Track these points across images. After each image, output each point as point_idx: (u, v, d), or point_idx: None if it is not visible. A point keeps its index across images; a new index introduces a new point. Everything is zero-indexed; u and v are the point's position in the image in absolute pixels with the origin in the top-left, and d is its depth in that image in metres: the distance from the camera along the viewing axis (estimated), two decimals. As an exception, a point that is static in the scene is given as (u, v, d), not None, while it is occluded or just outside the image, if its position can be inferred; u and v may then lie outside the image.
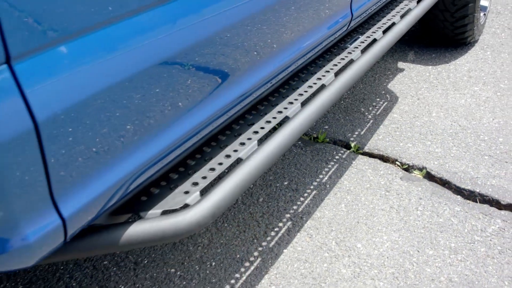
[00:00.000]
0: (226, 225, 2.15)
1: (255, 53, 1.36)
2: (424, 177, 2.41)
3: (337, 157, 2.55)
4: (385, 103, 3.01)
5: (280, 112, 1.49)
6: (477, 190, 2.27)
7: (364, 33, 2.06)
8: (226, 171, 2.31)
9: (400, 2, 2.45)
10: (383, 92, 3.13)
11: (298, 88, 1.62)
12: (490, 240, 2.01)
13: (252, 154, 1.26)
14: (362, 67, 1.72)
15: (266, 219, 2.17)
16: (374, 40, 2.03)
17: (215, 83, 1.25)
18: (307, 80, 1.67)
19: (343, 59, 1.79)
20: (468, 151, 2.54)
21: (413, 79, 3.27)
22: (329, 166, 2.49)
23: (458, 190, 2.30)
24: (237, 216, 2.19)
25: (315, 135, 2.74)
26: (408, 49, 3.72)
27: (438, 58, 3.55)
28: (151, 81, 1.05)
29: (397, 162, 2.51)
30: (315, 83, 1.64)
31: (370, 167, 2.46)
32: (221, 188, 1.15)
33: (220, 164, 1.26)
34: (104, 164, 1.01)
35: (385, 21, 2.19)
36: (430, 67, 3.43)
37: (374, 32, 2.05)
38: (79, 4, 0.89)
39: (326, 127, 2.82)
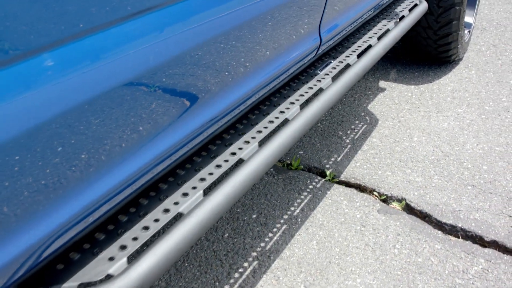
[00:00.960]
0: (186, 264, 1.97)
1: (201, 92, 1.18)
2: (403, 209, 2.25)
3: (311, 186, 2.38)
4: (364, 126, 2.84)
5: (233, 153, 1.31)
6: (459, 225, 2.11)
7: (337, 57, 1.89)
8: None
9: (378, 22, 2.29)
10: (363, 113, 2.97)
11: (257, 123, 1.45)
12: (473, 283, 1.84)
13: (195, 208, 1.07)
14: (332, 97, 1.56)
15: (231, 258, 1.99)
16: (348, 65, 1.86)
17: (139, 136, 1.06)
18: (268, 114, 1.50)
19: (311, 88, 1.62)
20: (450, 180, 2.38)
21: (394, 100, 3.11)
22: (302, 197, 2.31)
23: (439, 225, 2.14)
24: (199, 255, 2.01)
25: (288, 161, 2.57)
26: (390, 67, 3.57)
27: (421, 77, 3.40)
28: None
29: (374, 192, 2.34)
30: (277, 117, 1.47)
31: (345, 198, 2.29)
32: (153, 252, 0.97)
33: (157, 221, 1.08)
34: (10, 228, 0.82)
35: (360, 44, 2.03)
36: (413, 86, 3.28)
37: (348, 56, 1.89)
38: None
39: (301, 152, 2.65)
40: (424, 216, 2.20)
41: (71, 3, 0.82)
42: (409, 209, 2.24)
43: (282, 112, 1.50)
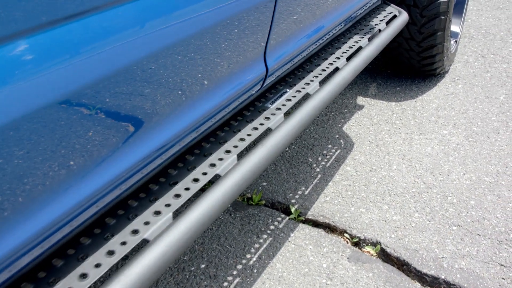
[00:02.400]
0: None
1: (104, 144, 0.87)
2: (378, 255, 1.93)
3: (272, 227, 2.05)
4: (338, 151, 2.53)
5: (158, 213, 1.00)
6: (442, 276, 1.80)
7: (295, 84, 1.57)
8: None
9: (349, 38, 1.97)
10: (337, 136, 2.65)
11: (177, 183, 1.12)
12: None
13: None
14: (283, 140, 1.24)
15: (170, 322, 1.66)
16: (307, 95, 1.54)
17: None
18: (194, 168, 1.17)
19: (256, 128, 1.30)
20: (433, 218, 2.07)
21: (373, 119, 2.80)
22: (261, 240, 1.99)
23: (418, 275, 1.83)
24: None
25: (249, 195, 2.25)
26: (370, 81, 3.25)
27: (403, 92, 3.09)
28: None
29: (345, 234, 2.02)
30: (213, 164, 1.14)
31: (311, 242, 1.97)
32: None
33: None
34: None
35: (325, 66, 1.71)
36: (394, 103, 2.96)
37: (308, 83, 1.57)
38: None
39: (264, 183, 2.32)
40: (401, 265, 1.88)
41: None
42: (384, 256, 1.93)
43: (212, 165, 1.17)
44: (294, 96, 1.49)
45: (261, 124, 1.33)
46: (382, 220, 2.07)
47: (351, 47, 1.88)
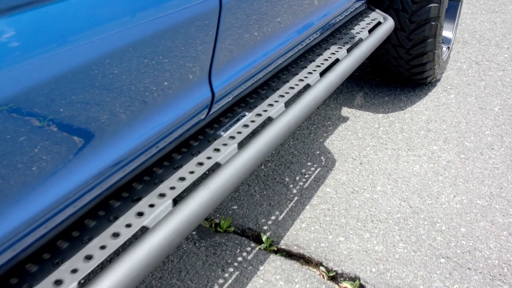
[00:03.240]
0: None
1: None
2: (357, 293, 1.73)
3: (240, 258, 1.85)
4: (318, 169, 2.32)
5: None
6: (428, 319, 1.60)
7: (255, 106, 1.36)
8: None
9: (325, 49, 1.76)
10: (318, 152, 2.44)
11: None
12: None
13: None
14: (232, 179, 1.02)
15: None
16: (270, 120, 1.33)
17: None
18: (115, 219, 0.96)
19: (202, 164, 1.09)
20: (419, 249, 1.86)
21: (358, 133, 2.59)
22: (226, 275, 1.78)
23: (401, 317, 1.62)
24: None
25: (217, 220, 2.03)
26: (356, 90, 3.04)
27: (392, 102, 2.88)
28: None
29: (321, 267, 1.82)
30: (141, 213, 0.94)
31: (282, 277, 1.76)
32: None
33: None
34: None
35: (294, 84, 1.49)
36: (381, 115, 2.76)
37: (272, 105, 1.35)
38: None
39: (235, 207, 2.11)
40: (382, 304, 1.68)
41: None
42: (364, 293, 1.72)
43: (140, 214, 0.96)
44: (253, 121, 1.27)
45: (209, 158, 1.11)
46: (363, 250, 1.86)
47: (327, 59, 1.67)
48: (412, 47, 2.69)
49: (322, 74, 1.59)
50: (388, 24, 2.02)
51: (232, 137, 1.21)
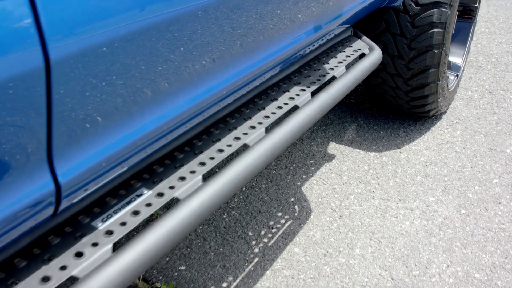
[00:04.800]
0: None
1: None
2: None
3: None
4: (289, 222, 1.97)
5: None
6: None
7: (161, 180, 1.03)
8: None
9: (283, 92, 1.41)
10: (293, 199, 2.10)
11: None
12: None
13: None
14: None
15: None
16: (176, 201, 0.99)
17: None
18: None
19: (64, 268, 0.78)
20: None
21: (343, 176, 2.23)
22: None
23: None
24: None
25: (158, 285, 1.70)
26: (349, 121, 2.68)
27: (388, 138, 2.52)
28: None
29: None
30: None
31: None
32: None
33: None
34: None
35: (227, 144, 1.15)
36: (373, 154, 2.39)
37: (183, 179, 1.02)
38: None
39: (183, 267, 1.78)
40: None
41: None
42: None
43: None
44: (149, 205, 0.94)
45: (63, 269, 0.79)
46: (327, 338, 1.51)
47: (281, 107, 1.32)
48: (411, 77, 2.33)
49: (269, 129, 1.24)
50: (374, 56, 1.66)
51: (109, 233, 0.89)
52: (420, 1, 2.19)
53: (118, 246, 0.87)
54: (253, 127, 1.23)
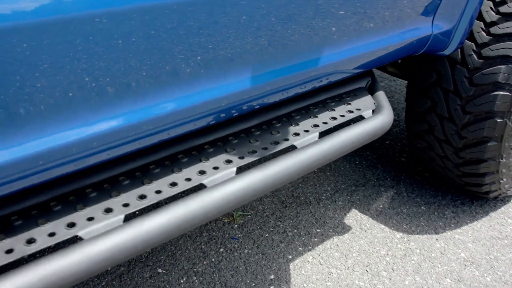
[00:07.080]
0: None
1: None
2: None
3: None
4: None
5: None
6: None
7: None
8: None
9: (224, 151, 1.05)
10: (272, 277, 1.69)
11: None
12: None
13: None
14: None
15: None
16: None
17: None
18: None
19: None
20: None
21: (348, 259, 1.78)
22: None
23: None
24: None
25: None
26: (389, 184, 2.19)
27: (428, 217, 1.99)
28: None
29: None
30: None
31: None
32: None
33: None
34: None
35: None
36: (400, 235, 1.89)
37: None
38: None
39: None
40: None
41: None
42: None
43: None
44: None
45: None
46: None
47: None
48: (463, 148, 1.81)
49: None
50: (377, 121, 1.22)
51: None
52: (484, 53, 1.67)
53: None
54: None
